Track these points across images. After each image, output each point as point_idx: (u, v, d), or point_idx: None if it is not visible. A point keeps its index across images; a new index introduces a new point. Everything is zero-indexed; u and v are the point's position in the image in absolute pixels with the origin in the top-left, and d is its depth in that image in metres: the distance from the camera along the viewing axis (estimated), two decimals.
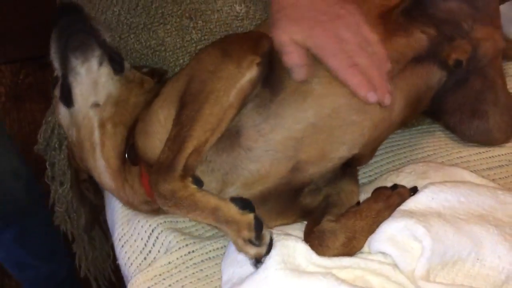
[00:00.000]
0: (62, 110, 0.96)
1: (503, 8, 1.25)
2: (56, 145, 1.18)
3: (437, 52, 0.99)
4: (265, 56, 0.83)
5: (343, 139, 0.86)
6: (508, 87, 1.16)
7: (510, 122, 1.10)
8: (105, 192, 1.11)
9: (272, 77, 0.84)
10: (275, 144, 0.83)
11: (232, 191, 0.86)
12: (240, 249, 0.77)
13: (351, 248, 0.80)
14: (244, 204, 0.76)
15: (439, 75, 1.02)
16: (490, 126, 1.07)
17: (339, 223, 0.81)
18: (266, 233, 0.76)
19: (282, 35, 0.80)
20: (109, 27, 1.07)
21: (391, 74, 0.85)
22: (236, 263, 0.85)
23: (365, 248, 0.80)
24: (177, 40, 1.07)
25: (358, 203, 0.87)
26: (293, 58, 0.80)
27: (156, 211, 0.98)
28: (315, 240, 0.80)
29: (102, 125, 0.92)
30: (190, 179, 0.78)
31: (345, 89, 0.81)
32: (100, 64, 0.92)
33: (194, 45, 1.07)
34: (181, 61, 1.08)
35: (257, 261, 0.77)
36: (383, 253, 0.78)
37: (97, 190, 1.08)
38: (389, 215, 0.80)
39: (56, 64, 0.94)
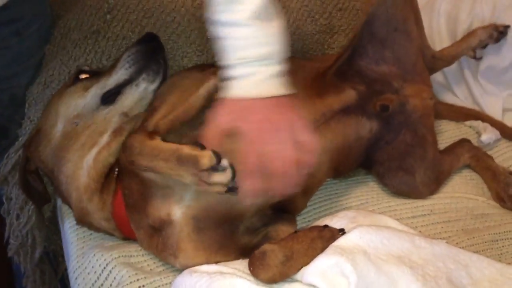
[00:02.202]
0: (82, 100, 1.06)
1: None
2: (15, 182, 1.22)
3: (365, 105, 1.13)
4: None
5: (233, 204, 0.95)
6: (439, 142, 1.29)
7: (433, 178, 1.23)
8: (62, 224, 1.16)
9: None
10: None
11: (187, 201, 0.95)
12: (208, 183, 0.83)
13: (288, 268, 0.88)
14: (201, 146, 0.85)
15: (369, 125, 1.15)
16: (415, 180, 1.20)
17: (278, 244, 0.90)
18: (224, 159, 0.83)
19: (216, 118, 0.85)
20: None
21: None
22: None
23: (297, 278, 0.90)
24: None
25: (296, 232, 0.97)
26: (207, 144, 0.84)
27: (110, 233, 1.06)
28: (257, 261, 0.87)
29: (116, 132, 1.02)
30: (158, 137, 0.91)
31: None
32: (154, 90, 1.08)
33: None
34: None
35: (230, 189, 0.84)
36: (312, 287, 0.89)
37: (43, 182, 1.14)
38: (321, 245, 0.90)
39: (126, 66, 1.08)
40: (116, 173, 1.02)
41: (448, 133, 1.43)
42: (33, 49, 1.19)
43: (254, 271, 0.88)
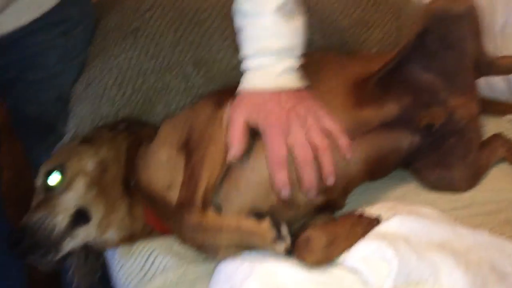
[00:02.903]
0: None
1: None
2: None
3: (410, 118, 1.08)
4: None
5: None
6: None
7: (472, 173, 1.20)
8: None
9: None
10: (254, 184, 0.95)
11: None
12: (271, 251, 0.88)
13: (332, 251, 0.89)
14: (256, 215, 0.89)
15: (410, 139, 1.11)
16: (453, 176, 1.17)
17: (320, 229, 0.91)
18: (283, 228, 0.88)
19: (235, 114, 0.88)
20: (120, 70, 1.20)
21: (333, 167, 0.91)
22: (215, 284, 0.94)
23: (340, 262, 0.90)
24: (181, 85, 1.20)
25: (334, 219, 0.99)
26: (233, 136, 0.88)
27: (149, 234, 1.08)
28: (301, 246, 0.89)
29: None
30: (211, 209, 0.90)
31: None
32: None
33: (196, 90, 1.21)
34: (183, 103, 1.21)
35: (288, 252, 0.89)
36: (354, 271, 0.89)
37: None
38: (361, 231, 0.91)
39: None
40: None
41: (487, 127, 1.40)
42: (79, 49, 1.23)
43: (300, 255, 0.89)
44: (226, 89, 1.06)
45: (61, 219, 0.95)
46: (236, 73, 1.22)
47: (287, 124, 0.87)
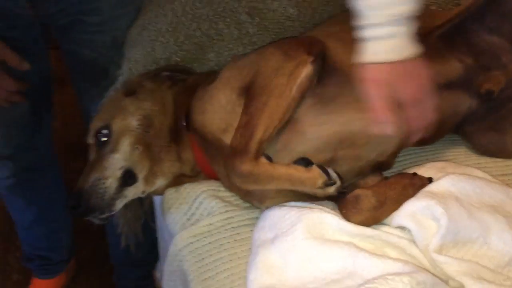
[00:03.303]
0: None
1: None
2: None
3: (470, 80, 1.05)
4: (318, 56, 0.95)
5: (375, 148, 0.97)
6: None
7: None
8: None
9: (337, 78, 0.96)
10: (324, 134, 0.94)
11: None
12: (322, 195, 0.90)
13: (380, 213, 0.90)
14: (305, 162, 0.90)
15: (469, 103, 1.08)
16: (505, 141, 1.14)
17: (371, 189, 0.92)
18: (330, 171, 0.89)
19: (377, 91, 0.84)
20: (175, 15, 1.20)
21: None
22: (260, 229, 0.97)
23: (386, 222, 0.91)
24: (234, 32, 1.19)
25: (386, 178, 0.98)
26: (387, 116, 0.84)
27: (197, 177, 1.10)
28: (349, 204, 0.90)
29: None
30: (263, 158, 0.91)
31: None
32: None
33: (249, 38, 1.19)
34: (235, 51, 1.20)
35: (340, 193, 0.92)
36: (402, 229, 0.89)
37: None
38: (412, 193, 0.90)
39: None
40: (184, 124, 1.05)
41: None
42: None
43: (347, 213, 0.90)
44: (295, 40, 1.04)
45: (110, 183, 1.00)
46: (290, 23, 1.22)
47: (425, 93, 0.86)
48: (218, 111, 0.98)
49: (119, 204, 1.02)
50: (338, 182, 0.89)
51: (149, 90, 1.11)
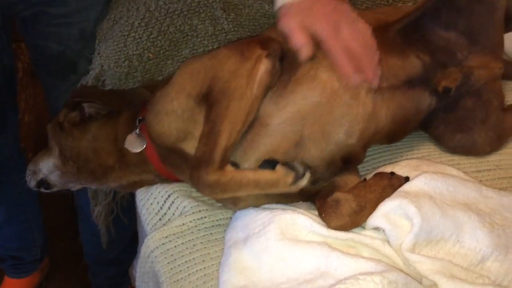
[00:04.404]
0: None
1: None
2: None
3: (428, 78, 1.05)
4: (273, 50, 0.94)
5: (340, 121, 0.95)
6: (508, 102, 1.20)
7: (495, 137, 1.16)
8: None
9: (288, 65, 0.95)
10: (286, 117, 0.93)
11: (247, 167, 0.95)
12: (296, 190, 0.90)
13: (360, 217, 0.89)
14: (270, 164, 0.89)
15: (429, 100, 1.08)
16: (474, 141, 1.14)
17: (351, 193, 0.91)
18: (296, 165, 0.89)
19: (289, 21, 0.90)
20: (147, 9, 1.17)
21: (379, 61, 0.95)
22: (232, 230, 0.96)
23: (363, 225, 0.90)
24: (209, 28, 1.17)
25: (365, 180, 0.97)
26: (299, 39, 0.89)
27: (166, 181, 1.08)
28: (329, 208, 0.89)
29: None
30: (228, 166, 0.89)
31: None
32: None
33: (224, 34, 1.17)
34: (210, 47, 1.18)
35: (315, 182, 0.93)
36: (375, 230, 0.89)
37: None
38: (391, 194, 0.90)
39: None
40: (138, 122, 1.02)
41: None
42: None
43: (326, 218, 0.89)
44: (248, 40, 1.02)
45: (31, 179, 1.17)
46: (265, 20, 1.20)
47: (337, 22, 0.90)
48: (175, 120, 0.95)
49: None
50: (308, 173, 0.89)
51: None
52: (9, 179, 1.49)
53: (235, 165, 0.91)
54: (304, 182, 0.89)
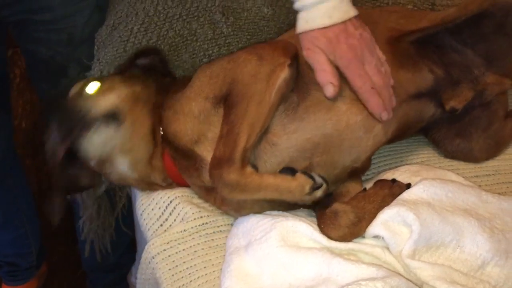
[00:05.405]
0: None
1: None
2: None
3: (438, 92, 1.05)
4: (293, 59, 0.94)
5: (350, 152, 0.96)
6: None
7: (493, 144, 1.17)
8: None
9: (300, 84, 0.94)
10: (296, 143, 0.93)
11: None
12: (310, 201, 0.90)
13: (359, 228, 0.89)
14: (290, 170, 0.90)
15: (433, 111, 1.08)
16: (472, 147, 1.14)
17: (350, 204, 0.91)
18: (314, 175, 0.90)
19: (316, 55, 0.89)
20: (146, 14, 1.17)
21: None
22: (234, 236, 0.95)
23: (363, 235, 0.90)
24: (208, 32, 1.17)
25: (365, 189, 0.97)
26: (327, 77, 0.89)
27: (170, 186, 1.07)
28: (328, 220, 0.89)
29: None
30: (249, 167, 0.89)
31: (361, 108, 0.93)
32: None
33: (223, 38, 1.18)
34: (210, 51, 1.18)
35: (328, 195, 0.94)
36: (375, 238, 0.89)
37: None
38: (391, 202, 0.90)
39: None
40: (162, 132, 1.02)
41: None
42: None
43: (325, 229, 0.89)
44: (268, 44, 1.02)
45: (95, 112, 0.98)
46: (265, 23, 1.21)
47: (362, 55, 0.90)
48: (191, 121, 0.96)
49: (93, 134, 0.97)
50: (324, 185, 0.89)
51: (137, 76, 1.08)
52: (3, 183, 1.48)
53: (255, 167, 0.91)
54: (320, 193, 0.89)
